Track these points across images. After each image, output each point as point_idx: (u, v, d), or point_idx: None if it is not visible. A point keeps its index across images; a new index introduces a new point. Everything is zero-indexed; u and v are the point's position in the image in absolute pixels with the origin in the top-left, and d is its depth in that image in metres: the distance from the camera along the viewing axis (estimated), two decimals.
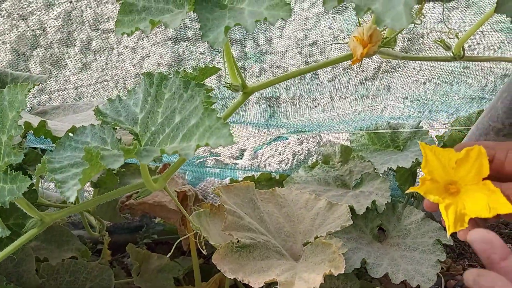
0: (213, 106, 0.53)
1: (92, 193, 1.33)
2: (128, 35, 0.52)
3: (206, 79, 0.74)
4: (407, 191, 0.58)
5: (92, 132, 0.57)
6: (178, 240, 0.94)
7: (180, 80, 0.54)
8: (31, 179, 0.82)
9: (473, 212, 0.53)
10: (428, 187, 0.56)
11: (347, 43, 0.69)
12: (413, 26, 0.73)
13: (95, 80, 1.90)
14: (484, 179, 0.55)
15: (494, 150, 0.57)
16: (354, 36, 0.64)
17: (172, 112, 0.54)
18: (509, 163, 0.56)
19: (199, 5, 0.54)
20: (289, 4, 0.52)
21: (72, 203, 0.56)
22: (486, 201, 0.53)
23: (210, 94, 0.59)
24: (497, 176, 0.57)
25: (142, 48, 1.97)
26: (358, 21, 0.69)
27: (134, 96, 0.60)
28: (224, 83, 0.67)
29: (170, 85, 0.55)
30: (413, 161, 1.17)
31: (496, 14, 0.77)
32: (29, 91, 0.62)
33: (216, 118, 0.49)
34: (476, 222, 0.56)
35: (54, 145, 0.80)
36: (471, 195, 0.55)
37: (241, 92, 0.69)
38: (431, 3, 1.80)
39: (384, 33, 0.74)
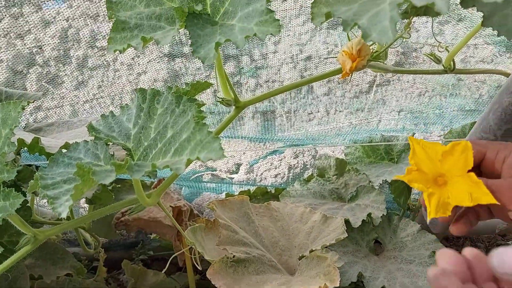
0: (207, 121, 0.54)
1: (87, 209, 1.32)
2: (121, 52, 0.53)
3: (203, 94, 0.75)
4: (394, 178, 0.61)
5: (85, 148, 0.57)
6: (173, 256, 0.94)
7: (172, 95, 0.55)
8: (25, 196, 0.83)
9: (456, 201, 0.56)
10: (413, 176, 0.59)
11: (333, 57, 0.70)
12: (402, 40, 0.74)
13: (92, 97, 1.91)
14: (477, 175, 0.57)
15: (485, 148, 0.61)
16: (343, 51, 0.65)
17: (164, 127, 0.55)
18: (498, 162, 0.59)
19: (190, 22, 0.55)
20: (278, 20, 0.53)
21: (64, 219, 0.56)
22: (469, 191, 0.56)
23: (202, 108, 0.60)
24: (487, 173, 0.61)
25: (138, 65, 1.98)
26: (348, 36, 0.70)
27: (127, 112, 0.60)
28: (216, 98, 0.67)
29: (163, 100, 0.56)
30: None
31: (485, 28, 0.79)
32: (23, 109, 0.62)
33: (207, 132, 0.50)
34: (470, 220, 0.60)
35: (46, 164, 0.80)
36: (456, 186, 0.57)
37: (233, 107, 0.70)
38: (424, 18, 1.82)
39: (374, 48, 0.75)
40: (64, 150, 0.59)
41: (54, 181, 0.56)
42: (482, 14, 0.65)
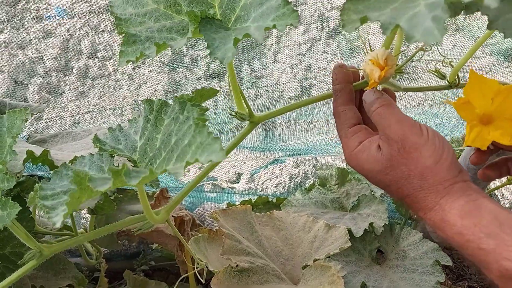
0: (207, 124, 0.53)
1: (89, 220, 1.32)
2: (133, 62, 0.53)
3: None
4: (445, 101, 0.63)
5: (90, 161, 0.57)
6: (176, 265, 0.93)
7: (178, 104, 0.54)
8: (29, 206, 0.82)
9: (495, 137, 0.57)
10: (461, 106, 0.59)
11: (358, 69, 0.69)
12: (423, 53, 0.74)
13: (92, 107, 1.91)
14: None
15: None
16: (369, 60, 0.64)
17: (169, 136, 0.54)
18: None
19: (203, 27, 0.54)
20: (296, 11, 0.52)
21: (59, 228, 0.55)
22: (510, 133, 0.57)
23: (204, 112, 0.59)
24: None
25: (139, 75, 1.99)
26: (369, 44, 0.69)
27: (135, 124, 0.60)
28: (230, 111, 0.67)
29: (170, 111, 0.56)
30: None
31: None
32: (27, 118, 0.63)
33: (207, 133, 0.49)
34: (500, 171, 0.65)
35: (52, 172, 0.80)
36: (499, 126, 0.58)
37: (247, 122, 0.69)
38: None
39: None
40: (69, 163, 0.59)
41: (53, 192, 0.55)
42: (487, 18, 0.65)
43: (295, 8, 0.51)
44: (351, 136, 0.61)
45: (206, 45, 0.52)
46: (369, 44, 0.67)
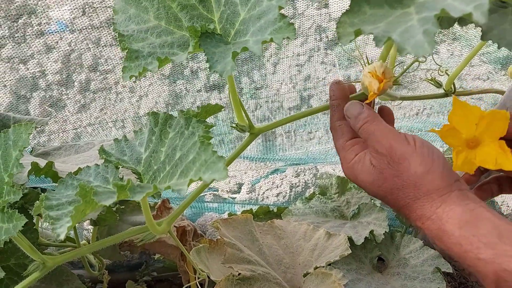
0: (211, 141, 0.54)
1: (91, 231, 1.33)
2: (137, 78, 0.55)
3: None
4: (428, 130, 0.64)
5: (95, 172, 0.58)
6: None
7: (183, 118, 0.55)
8: (32, 218, 0.83)
9: (481, 162, 0.59)
10: (447, 133, 0.61)
11: (356, 81, 0.71)
12: (418, 64, 0.76)
13: (94, 120, 1.93)
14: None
15: None
16: (368, 72, 0.66)
17: (173, 150, 0.55)
18: None
19: (203, 41, 0.56)
20: (293, 24, 0.54)
21: (62, 240, 0.56)
22: (496, 156, 0.58)
23: (209, 130, 0.61)
24: None
25: (140, 88, 2.01)
26: (367, 58, 0.71)
27: (140, 136, 0.61)
28: (230, 123, 0.68)
29: (175, 124, 0.57)
30: None
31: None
32: (32, 131, 0.64)
33: (212, 151, 0.50)
34: (491, 190, 0.67)
35: (54, 184, 0.81)
36: (485, 149, 0.60)
37: (247, 133, 0.70)
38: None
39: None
40: (75, 173, 0.60)
41: (59, 202, 0.55)
42: (481, 29, 0.67)
43: (291, 22, 0.53)
44: (348, 149, 0.63)
45: (206, 59, 0.53)
46: (366, 56, 0.69)
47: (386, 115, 0.67)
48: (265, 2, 0.56)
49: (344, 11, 0.52)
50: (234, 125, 0.67)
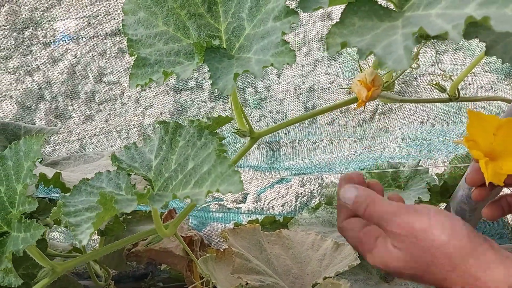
0: (226, 154, 0.55)
1: (98, 241, 1.33)
2: (142, 87, 0.56)
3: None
4: (453, 141, 0.63)
5: (108, 178, 0.59)
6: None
7: (194, 128, 0.56)
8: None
9: (508, 170, 0.57)
10: (471, 144, 0.59)
11: (348, 88, 0.72)
12: (411, 70, 0.77)
13: (99, 130, 1.94)
14: None
15: None
16: (358, 80, 0.67)
17: (185, 159, 0.56)
18: None
19: (208, 56, 0.57)
20: (294, 50, 0.55)
21: (83, 248, 0.57)
22: None
23: (222, 142, 0.61)
24: None
25: (145, 98, 2.03)
26: (360, 66, 0.73)
27: (149, 143, 0.62)
28: (232, 129, 0.69)
29: (185, 133, 0.58)
30: (415, 200, 1.18)
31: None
32: (44, 142, 0.65)
33: (228, 165, 0.51)
34: (503, 208, 0.63)
35: (62, 194, 0.81)
36: (508, 159, 0.59)
37: (248, 138, 0.71)
38: (423, 48, 1.88)
39: (383, 78, 0.78)
40: (87, 180, 0.61)
41: (76, 209, 0.57)
42: (485, 44, 0.68)
43: (292, 48, 0.54)
44: (365, 239, 0.57)
45: (209, 76, 0.54)
46: (359, 65, 0.70)
47: (375, 189, 0.62)
48: (270, 22, 0.57)
49: (335, 22, 0.53)
50: (235, 131, 0.68)
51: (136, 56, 0.59)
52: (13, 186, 0.62)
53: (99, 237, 1.15)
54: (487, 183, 0.57)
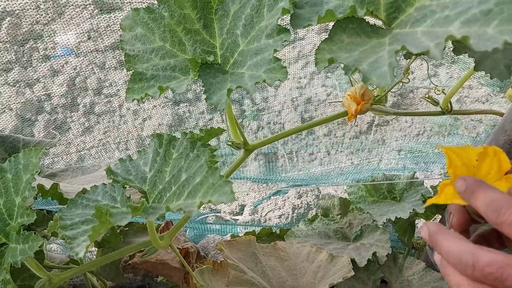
0: (217, 165, 0.57)
1: (95, 253, 1.33)
2: (138, 101, 0.57)
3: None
4: (426, 205, 0.56)
5: (103, 191, 0.60)
6: None
7: (187, 140, 0.58)
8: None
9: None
10: (448, 192, 0.55)
11: (341, 101, 0.74)
12: (400, 86, 0.79)
13: (98, 142, 1.95)
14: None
15: None
16: (348, 95, 0.69)
17: (179, 171, 0.58)
18: None
19: (203, 72, 0.59)
20: (285, 67, 0.57)
21: (80, 260, 0.58)
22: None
23: (214, 153, 0.63)
24: None
25: (144, 110, 2.04)
26: (350, 81, 0.74)
27: (144, 156, 0.64)
28: (227, 141, 0.71)
29: (178, 145, 0.59)
30: (410, 212, 1.20)
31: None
32: (42, 155, 0.66)
33: (219, 176, 0.52)
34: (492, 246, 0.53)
35: (60, 206, 0.82)
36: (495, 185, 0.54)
37: (243, 150, 0.73)
38: (418, 61, 1.90)
39: (375, 92, 0.79)
40: (84, 192, 0.62)
41: (72, 222, 0.58)
42: (474, 60, 0.69)
43: (284, 65, 0.55)
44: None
45: (203, 90, 0.56)
46: (350, 80, 0.72)
47: None
48: (263, 39, 0.58)
49: (324, 38, 0.55)
50: (230, 143, 0.69)
51: (133, 71, 0.60)
52: (12, 198, 0.63)
53: (96, 249, 1.15)
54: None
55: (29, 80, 1.94)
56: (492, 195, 0.50)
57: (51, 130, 1.94)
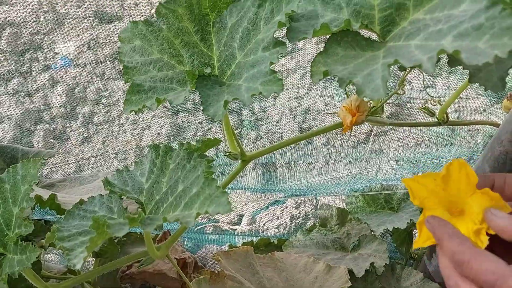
0: (214, 176, 0.57)
1: (93, 263, 1.33)
2: (136, 113, 0.58)
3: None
4: (415, 247, 0.55)
5: (100, 202, 0.61)
6: None
7: (184, 151, 0.58)
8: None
9: (480, 221, 0.51)
10: (425, 233, 0.54)
11: (336, 112, 0.75)
12: (397, 96, 0.79)
13: (96, 152, 1.96)
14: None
15: (492, 177, 0.57)
16: (343, 106, 0.70)
17: (175, 182, 0.58)
18: (509, 186, 0.56)
19: (200, 83, 0.60)
20: (281, 79, 0.57)
21: (77, 271, 0.58)
22: (488, 206, 0.51)
23: (210, 164, 0.63)
24: None
25: (143, 120, 2.05)
26: (346, 92, 0.75)
27: (141, 167, 0.64)
28: (224, 151, 0.71)
29: (175, 156, 0.60)
30: (408, 222, 1.20)
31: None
32: (41, 166, 0.66)
33: (216, 187, 0.52)
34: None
35: (58, 216, 0.83)
36: (475, 207, 0.52)
37: (240, 160, 0.73)
38: (417, 72, 1.91)
39: (371, 103, 0.80)
40: (81, 203, 0.62)
41: (70, 233, 0.58)
42: (468, 72, 0.70)
43: (280, 77, 0.56)
44: None
45: (200, 102, 0.56)
46: (346, 91, 0.72)
47: None
48: (259, 52, 0.59)
49: (319, 51, 0.56)
50: (227, 154, 0.70)
51: (131, 82, 0.61)
52: (10, 209, 0.64)
53: (94, 259, 1.15)
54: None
55: (28, 90, 1.95)
56: (453, 247, 0.49)
57: (50, 140, 1.94)
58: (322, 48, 0.57)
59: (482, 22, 0.48)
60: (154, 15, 0.66)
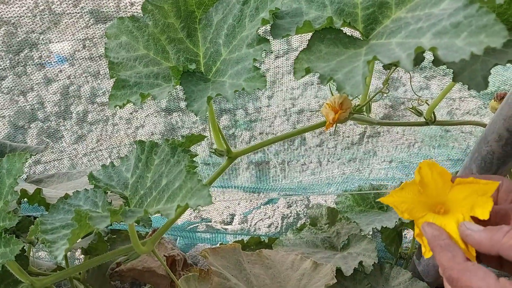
0: (202, 172, 0.58)
1: (82, 261, 1.33)
2: (120, 107, 0.58)
3: (199, 147, 0.79)
4: (426, 257, 0.53)
5: (85, 196, 0.61)
6: None
7: (168, 147, 0.59)
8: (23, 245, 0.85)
9: (471, 212, 0.52)
10: (420, 220, 0.54)
11: (317, 110, 0.75)
12: (384, 94, 0.80)
13: (90, 150, 1.96)
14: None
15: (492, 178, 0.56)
16: (326, 103, 0.70)
17: (159, 176, 0.59)
18: (502, 191, 0.56)
19: (184, 79, 0.60)
20: (264, 76, 0.58)
21: (60, 263, 0.59)
22: (472, 201, 0.52)
23: (196, 159, 0.64)
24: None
25: (137, 119, 2.05)
26: (330, 90, 0.76)
27: (126, 162, 0.64)
28: (209, 149, 0.71)
29: (160, 151, 0.60)
30: (396, 221, 1.20)
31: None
32: (26, 160, 0.67)
33: (197, 180, 0.53)
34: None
35: (47, 212, 0.83)
36: (460, 200, 0.54)
37: (226, 157, 0.73)
38: (411, 73, 1.92)
39: (358, 101, 0.81)
40: (66, 198, 0.63)
41: (53, 227, 0.58)
42: (452, 71, 0.71)
43: (263, 74, 0.56)
44: None
45: (184, 98, 0.57)
46: (330, 89, 0.73)
47: None
48: (244, 49, 0.60)
49: (302, 49, 0.56)
50: (213, 150, 0.70)
51: (116, 78, 0.62)
52: None
53: (83, 256, 1.15)
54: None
55: (23, 88, 1.95)
56: (444, 262, 0.50)
57: (44, 138, 1.94)
58: (306, 46, 0.57)
59: (460, 20, 0.48)
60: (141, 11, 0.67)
